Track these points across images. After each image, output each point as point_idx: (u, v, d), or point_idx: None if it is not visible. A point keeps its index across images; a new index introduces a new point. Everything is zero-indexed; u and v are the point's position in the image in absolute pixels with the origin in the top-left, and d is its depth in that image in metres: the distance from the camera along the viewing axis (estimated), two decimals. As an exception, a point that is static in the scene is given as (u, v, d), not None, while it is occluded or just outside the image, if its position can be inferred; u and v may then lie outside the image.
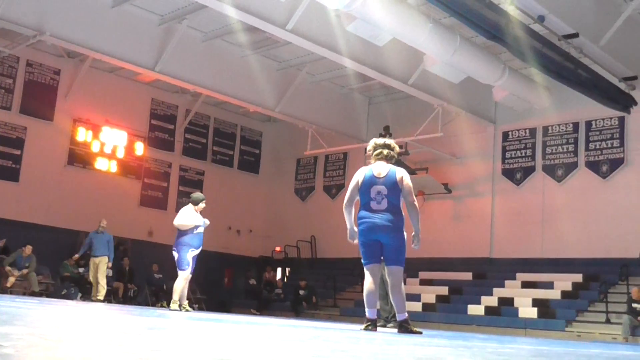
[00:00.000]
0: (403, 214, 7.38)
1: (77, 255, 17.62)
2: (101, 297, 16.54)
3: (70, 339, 2.73)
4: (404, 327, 7.41)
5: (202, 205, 12.15)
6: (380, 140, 7.79)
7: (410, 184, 7.43)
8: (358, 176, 7.52)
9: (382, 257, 7.50)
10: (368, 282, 7.49)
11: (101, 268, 16.71)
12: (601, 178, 18.88)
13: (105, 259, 16.77)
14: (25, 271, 17.62)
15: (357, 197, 7.52)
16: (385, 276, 7.79)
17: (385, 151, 7.59)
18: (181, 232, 11.97)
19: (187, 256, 11.82)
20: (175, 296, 11.92)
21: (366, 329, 7.35)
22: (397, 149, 7.77)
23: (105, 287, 16.86)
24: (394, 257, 7.37)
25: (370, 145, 7.75)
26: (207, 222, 12.21)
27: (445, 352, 4.02)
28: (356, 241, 7.58)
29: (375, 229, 7.30)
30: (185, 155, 24.08)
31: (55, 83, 20.76)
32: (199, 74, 19.11)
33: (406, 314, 7.45)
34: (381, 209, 7.30)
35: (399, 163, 8.00)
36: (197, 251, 12.01)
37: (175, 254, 11.93)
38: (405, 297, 7.57)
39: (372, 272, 7.49)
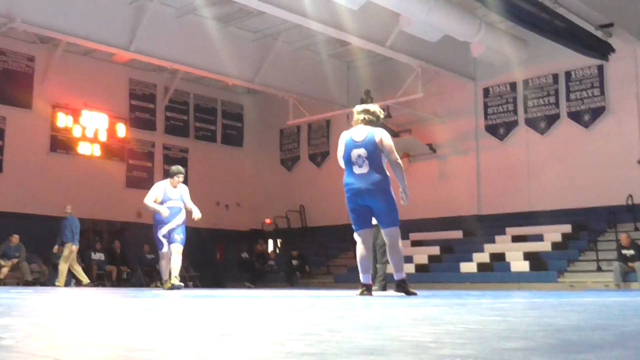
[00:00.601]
0: (388, 174, 7.38)
1: (56, 247, 17.01)
2: (59, 284, 16.04)
3: (68, 325, 2.73)
4: (401, 287, 7.46)
5: (177, 178, 11.49)
6: (361, 107, 7.79)
7: (391, 143, 7.42)
8: (340, 143, 7.53)
9: (372, 221, 7.53)
10: (360, 248, 7.51)
11: (64, 253, 16.39)
12: (584, 127, 18.96)
13: (69, 245, 16.40)
14: (15, 260, 17.57)
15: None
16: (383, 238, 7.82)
17: (363, 116, 7.57)
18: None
19: (159, 235, 11.32)
20: (164, 275, 11.55)
21: (362, 294, 7.39)
22: (378, 112, 7.75)
23: (65, 272, 16.37)
24: (386, 219, 7.39)
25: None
26: (195, 209, 11.41)
27: (442, 311, 4.05)
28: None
29: (362, 194, 7.30)
30: (168, 133, 23.95)
31: (31, 70, 20.54)
32: (174, 51, 18.95)
33: (404, 274, 7.51)
34: (364, 172, 7.30)
35: (383, 127, 7.97)
36: (168, 226, 11.29)
37: None
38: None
39: (363, 237, 7.51)
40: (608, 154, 18.36)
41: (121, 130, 22.36)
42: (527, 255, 17.42)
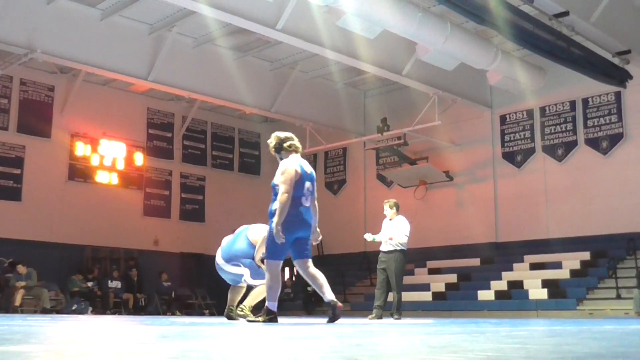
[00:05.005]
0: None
1: None
2: None
3: (86, 352, 2.73)
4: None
5: None
6: (289, 134, 8.31)
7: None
8: (296, 170, 7.82)
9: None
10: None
11: None
12: (602, 154, 18.87)
13: None
14: (22, 283, 17.38)
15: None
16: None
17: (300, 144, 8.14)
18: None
19: None
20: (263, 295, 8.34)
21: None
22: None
23: None
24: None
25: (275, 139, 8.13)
26: None
27: (460, 339, 4.02)
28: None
29: (309, 226, 7.66)
30: (185, 162, 24.05)
31: (50, 100, 20.75)
32: (192, 80, 19.08)
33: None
34: (309, 205, 7.64)
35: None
36: None
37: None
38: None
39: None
40: (626, 181, 18.24)
41: (139, 158, 22.48)
42: (546, 283, 17.28)
